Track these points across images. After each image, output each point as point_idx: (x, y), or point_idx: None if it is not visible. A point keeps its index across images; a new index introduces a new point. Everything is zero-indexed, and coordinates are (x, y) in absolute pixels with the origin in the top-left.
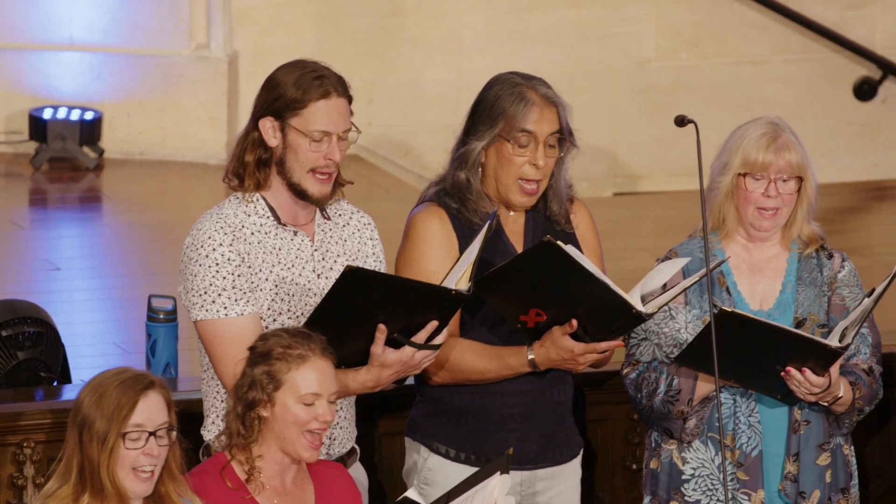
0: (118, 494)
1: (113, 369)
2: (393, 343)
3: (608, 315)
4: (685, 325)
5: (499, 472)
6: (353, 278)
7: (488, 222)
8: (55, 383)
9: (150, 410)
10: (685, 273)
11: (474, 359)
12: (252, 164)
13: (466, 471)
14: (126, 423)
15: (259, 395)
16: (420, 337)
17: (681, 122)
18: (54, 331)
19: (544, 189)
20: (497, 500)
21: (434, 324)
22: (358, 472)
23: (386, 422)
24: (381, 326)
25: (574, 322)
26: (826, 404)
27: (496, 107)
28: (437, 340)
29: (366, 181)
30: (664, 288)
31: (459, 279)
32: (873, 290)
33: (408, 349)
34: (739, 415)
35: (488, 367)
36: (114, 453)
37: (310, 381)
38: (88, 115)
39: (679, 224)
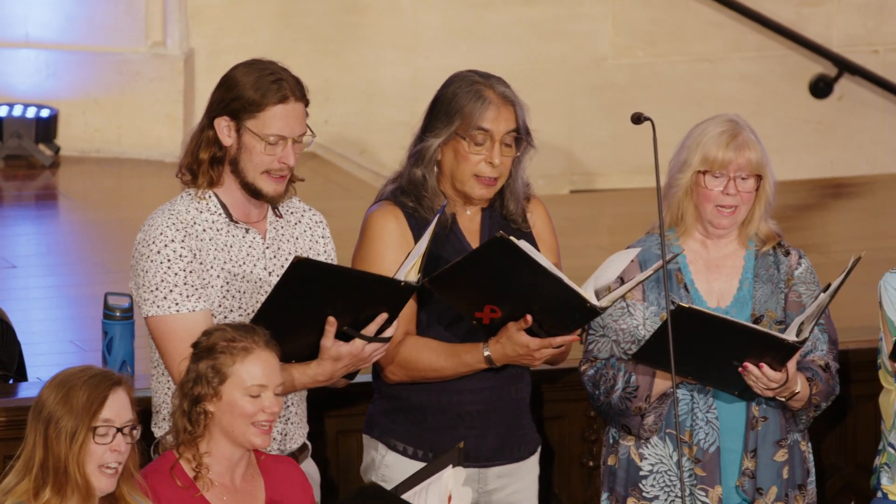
0: (86, 490)
1: (76, 367)
2: (343, 336)
3: (563, 310)
4: (643, 321)
5: (451, 465)
6: (302, 269)
7: (438, 215)
8: (11, 381)
9: (119, 407)
10: (642, 268)
11: (430, 356)
12: (206, 162)
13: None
14: (97, 418)
15: (205, 390)
16: (370, 329)
17: (637, 119)
18: (10, 329)
19: (501, 186)
20: (453, 491)
21: (384, 316)
22: (310, 467)
23: (343, 419)
24: (331, 319)
25: (529, 318)
26: (783, 399)
27: (453, 104)
28: (388, 333)
29: (322, 179)
30: (622, 282)
31: (409, 271)
32: (829, 286)
33: (358, 342)
34: (697, 411)
35: (445, 365)
36: (83, 448)
37: (255, 373)
38: (44, 113)
39: (636, 221)
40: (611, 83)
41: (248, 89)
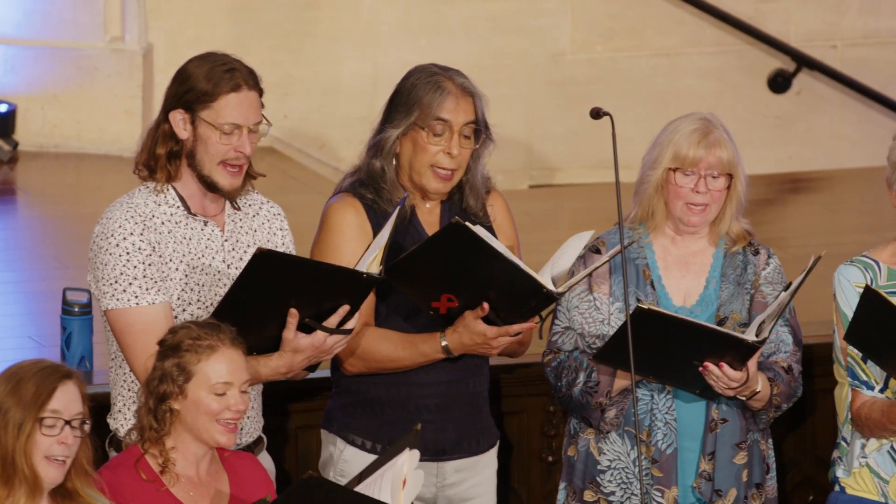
0: (33, 481)
1: (28, 360)
2: (305, 328)
3: (519, 297)
4: (608, 316)
5: (408, 448)
6: (263, 260)
7: (399, 207)
8: None
9: (68, 399)
10: (612, 264)
11: (388, 347)
12: (163, 157)
13: None
14: (44, 409)
15: (170, 388)
16: (332, 321)
17: (596, 114)
18: None
19: (459, 179)
20: (406, 475)
21: (346, 308)
22: (265, 461)
23: (302, 415)
24: (293, 311)
25: (486, 305)
26: (744, 399)
27: (412, 95)
28: (349, 325)
29: (281, 174)
30: (589, 275)
31: (371, 263)
32: (790, 284)
33: (319, 334)
34: (656, 412)
35: (402, 355)
36: (30, 439)
37: (220, 370)
38: (2, 108)
39: (595, 216)
40: (570, 78)
41: (201, 80)
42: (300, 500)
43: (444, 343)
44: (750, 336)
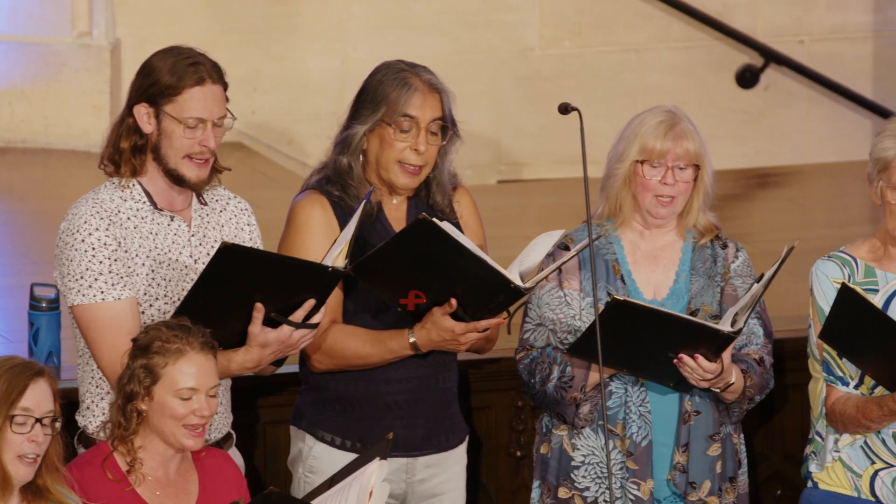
0: (3, 479)
1: (0, 357)
2: (271, 322)
3: (487, 292)
4: (579, 311)
5: (378, 458)
6: (229, 255)
7: (364, 201)
8: None
9: (39, 397)
10: (580, 260)
11: (356, 343)
12: (128, 151)
13: (352, 459)
14: (15, 406)
15: (136, 389)
16: (297, 315)
17: (564, 109)
18: None
19: (427, 175)
20: (374, 486)
21: (311, 302)
22: (234, 457)
23: (270, 410)
24: (259, 305)
25: (453, 301)
26: (718, 391)
27: (379, 91)
28: (315, 319)
29: (249, 169)
30: (559, 271)
31: (336, 257)
32: (762, 276)
33: (286, 328)
34: (630, 404)
35: (370, 352)
36: (1, 437)
37: (187, 375)
38: None
39: (563, 212)
40: (538, 73)
41: (165, 74)
42: None
43: (412, 339)
44: (725, 327)
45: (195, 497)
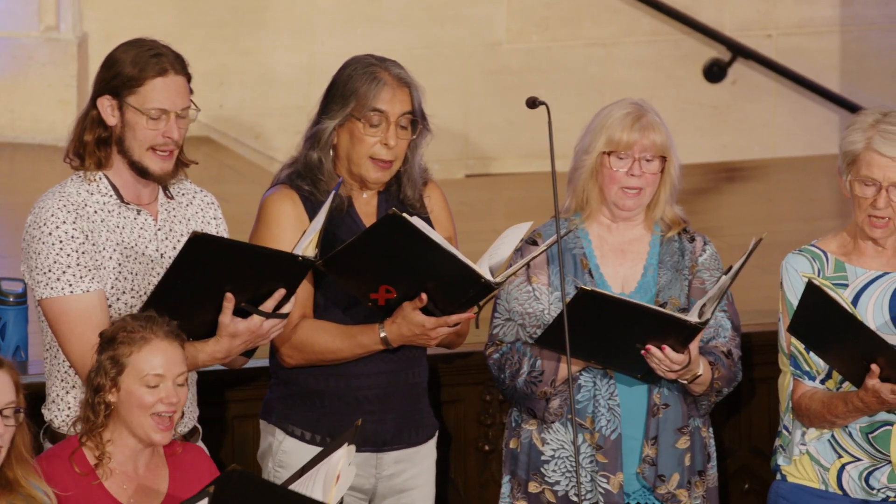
0: None
1: None
2: (241, 313)
3: (457, 287)
4: (548, 306)
5: (346, 443)
6: (198, 244)
7: (334, 191)
8: None
9: None
10: (549, 254)
11: (326, 338)
12: (91, 144)
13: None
14: None
15: (103, 381)
16: (268, 305)
17: (532, 103)
18: None
19: (397, 170)
20: (341, 471)
21: (281, 292)
22: None
23: (238, 404)
24: (229, 295)
25: (424, 296)
26: (685, 382)
27: (349, 86)
28: (286, 309)
29: (216, 163)
30: (527, 266)
31: (306, 247)
32: (730, 268)
33: (256, 318)
34: (599, 398)
35: (341, 347)
36: None
37: (152, 363)
38: None
39: (531, 206)
40: (506, 67)
41: (127, 65)
42: (225, 495)
43: (382, 334)
44: (692, 318)
45: (164, 492)
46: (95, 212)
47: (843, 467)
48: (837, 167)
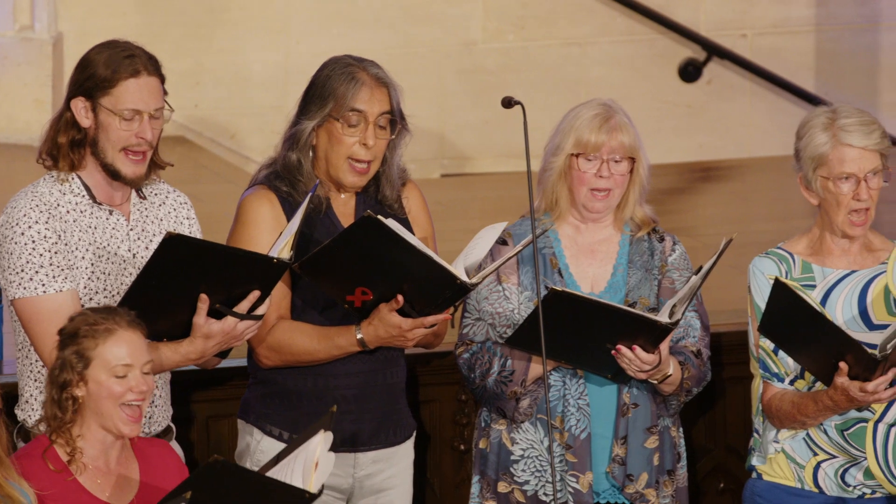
0: None
1: None
2: (216, 314)
3: (433, 288)
4: (518, 305)
5: (322, 430)
6: (173, 244)
7: (310, 193)
8: None
9: None
10: (519, 255)
11: (303, 340)
12: (65, 146)
13: None
14: None
15: (70, 376)
16: (242, 307)
17: (508, 103)
18: None
19: (376, 171)
20: (319, 457)
21: (256, 293)
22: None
23: (213, 404)
24: (203, 296)
25: (400, 298)
26: (655, 382)
27: (327, 87)
28: (260, 311)
29: (192, 163)
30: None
31: (282, 249)
32: (701, 268)
33: (230, 319)
34: (569, 397)
35: (318, 348)
36: None
37: (119, 352)
38: None
39: (506, 205)
40: (482, 67)
41: (101, 67)
42: (208, 485)
43: (359, 336)
44: (663, 318)
45: (136, 485)
46: (68, 212)
47: (818, 465)
48: (800, 177)
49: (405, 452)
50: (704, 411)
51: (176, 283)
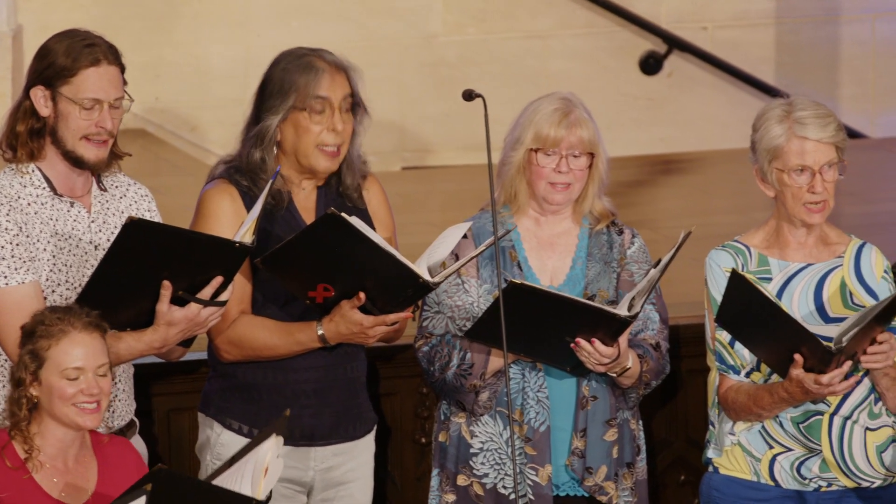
0: None
1: None
2: (178, 301)
3: (395, 286)
4: (477, 298)
5: (274, 434)
6: (134, 230)
7: (272, 179)
8: None
9: None
10: (477, 244)
11: (264, 334)
12: (24, 135)
13: None
14: None
15: (24, 375)
16: (205, 293)
17: (468, 96)
18: None
19: (346, 153)
20: (269, 463)
21: (219, 279)
22: (137, 445)
23: (175, 397)
24: (166, 283)
25: (362, 295)
26: (614, 375)
27: (286, 80)
28: (223, 297)
29: (152, 156)
30: (456, 258)
31: (244, 234)
32: (660, 261)
33: (193, 306)
34: (528, 390)
35: (278, 343)
36: None
37: (71, 355)
38: None
39: (467, 198)
40: (442, 60)
41: (60, 56)
42: (154, 494)
43: (320, 332)
44: (622, 311)
45: (93, 484)
46: (29, 204)
47: (774, 458)
48: (755, 169)
49: (366, 445)
50: (664, 404)
51: (138, 270)
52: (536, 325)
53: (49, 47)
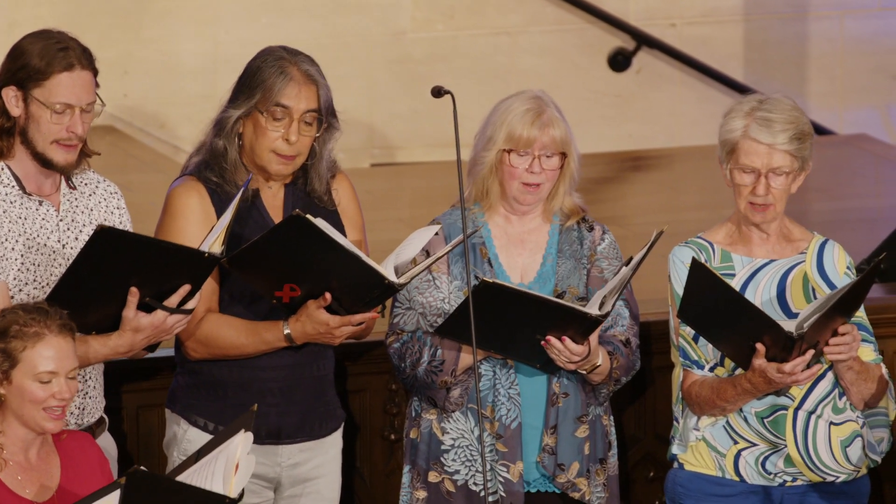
0: None
1: None
2: (145, 307)
3: (361, 287)
4: (448, 295)
5: (243, 430)
6: (104, 237)
7: (243, 187)
8: None
9: None
10: (447, 242)
11: (231, 333)
12: None
13: None
14: None
15: None
16: (172, 301)
17: (437, 93)
18: None
19: (302, 163)
20: (239, 459)
21: (186, 287)
22: (107, 441)
23: (143, 394)
24: (133, 290)
25: (328, 296)
26: (585, 373)
27: (257, 77)
28: (190, 305)
29: (121, 153)
30: (427, 255)
31: (213, 243)
32: (631, 259)
33: (160, 313)
34: (499, 386)
35: (245, 342)
36: None
37: (46, 358)
38: None
39: (436, 195)
40: (411, 56)
41: (34, 58)
42: (130, 496)
43: (286, 331)
44: (593, 310)
45: (57, 480)
46: None
47: (739, 453)
48: (718, 157)
49: (333, 441)
50: (634, 400)
51: (106, 276)
52: (507, 322)
53: (23, 48)
